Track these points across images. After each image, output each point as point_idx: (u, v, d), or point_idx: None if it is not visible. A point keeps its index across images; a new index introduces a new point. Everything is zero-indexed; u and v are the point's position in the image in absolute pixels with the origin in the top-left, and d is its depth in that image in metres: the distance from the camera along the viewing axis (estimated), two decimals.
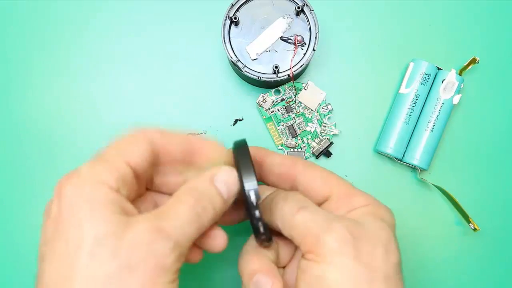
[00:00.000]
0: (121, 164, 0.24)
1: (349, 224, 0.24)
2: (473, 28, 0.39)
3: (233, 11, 0.35)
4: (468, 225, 0.36)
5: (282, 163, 0.29)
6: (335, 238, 0.24)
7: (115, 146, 0.25)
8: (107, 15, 0.39)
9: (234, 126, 0.38)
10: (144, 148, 0.25)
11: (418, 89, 0.37)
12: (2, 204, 0.38)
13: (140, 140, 0.25)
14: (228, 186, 0.26)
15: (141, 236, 0.22)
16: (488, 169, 0.38)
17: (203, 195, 0.25)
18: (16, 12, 0.39)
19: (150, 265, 0.21)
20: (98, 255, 0.21)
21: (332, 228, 0.24)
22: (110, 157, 0.24)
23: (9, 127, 0.38)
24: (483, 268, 0.37)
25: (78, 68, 0.39)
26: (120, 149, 0.25)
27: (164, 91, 0.38)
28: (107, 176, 0.23)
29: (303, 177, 0.28)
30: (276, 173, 0.29)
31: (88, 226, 0.21)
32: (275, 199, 0.27)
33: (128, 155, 0.24)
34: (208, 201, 0.25)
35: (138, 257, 0.21)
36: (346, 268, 0.23)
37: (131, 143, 0.25)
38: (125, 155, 0.24)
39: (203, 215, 0.24)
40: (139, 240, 0.21)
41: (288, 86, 0.37)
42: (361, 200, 0.27)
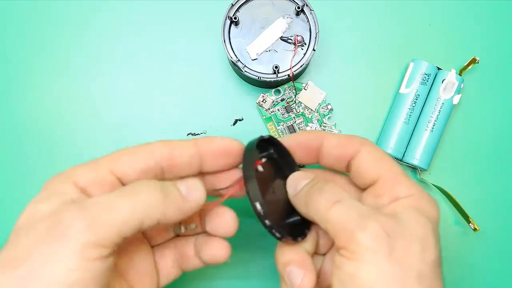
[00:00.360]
0: (103, 170, 0.25)
1: (384, 220, 0.24)
2: (473, 28, 0.39)
3: (233, 11, 0.35)
4: (468, 225, 0.36)
5: (338, 144, 0.28)
6: (369, 236, 0.23)
7: (109, 154, 0.26)
8: (107, 15, 0.39)
9: (234, 126, 0.38)
10: (139, 159, 0.26)
11: (418, 89, 0.37)
12: (2, 204, 0.38)
13: (137, 151, 0.26)
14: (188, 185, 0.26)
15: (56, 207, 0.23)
16: (488, 169, 0.38)
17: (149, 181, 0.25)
18: (16, 12, 0.39)
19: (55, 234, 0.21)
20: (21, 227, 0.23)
21: (366, 225, 0.23)
22: (97, 162, 0.25)
23: (9, 127, 0.38)
24: (483, 268, 0.37)
25: (78, 68, 0.39)
26: (111, 158, 0.26)
27: (164, 91, 0.38)
28: (81, 176, 0.25)
29: (357, 158, 0.28)
30: (333, 155, 0.29)
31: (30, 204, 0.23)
32: (310, 191, 0.27)
33: (117, 164, 0.25)
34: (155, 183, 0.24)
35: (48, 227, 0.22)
36: (379, 266, 0.23)
37: (125, 154, 0.26)
38: (113, 164, 0.25)
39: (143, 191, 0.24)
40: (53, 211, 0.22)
41: (288, 86, 0.37)
42: (404, 189, 0.26)
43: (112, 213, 0.22)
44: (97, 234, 0.21)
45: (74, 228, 0.21)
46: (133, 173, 0.25)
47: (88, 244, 0.21)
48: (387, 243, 0.23)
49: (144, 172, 0.26)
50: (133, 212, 0.22)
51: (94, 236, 0.21)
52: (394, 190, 0.26)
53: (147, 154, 0.26)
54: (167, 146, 0.27)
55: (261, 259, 0.37)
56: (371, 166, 0.27)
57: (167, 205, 0.24)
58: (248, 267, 0.37)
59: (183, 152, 0.27)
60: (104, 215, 0.22)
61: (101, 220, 0.21)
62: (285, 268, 0.27)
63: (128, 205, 0.23)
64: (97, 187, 0.25)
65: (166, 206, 0.24)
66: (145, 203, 0.23)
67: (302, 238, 0.28)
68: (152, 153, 0.26)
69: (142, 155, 0.26)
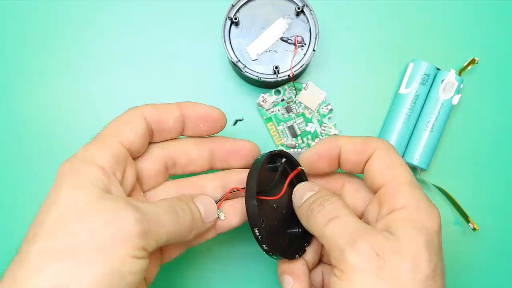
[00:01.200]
0: (114, 143, 0.26)
1: (374, 239, 0.23)
2: (472, 28, 0.39)
3: (234, 12, 0.35)
4: (468, 225, 0.37)
5: (354, 149, 0.28)
6: (358, 255, 0.23)
7: (109, 126, 0.27)
8: (107, 15, 0.39)
9: (234, 126, 0.38)
10: (137, 125, 0.27)
11: (417, 89, 0.37)
12: (2, 204, 0.38)
13: (133, 117, 0.27)
14: (206, 209, 0.28)
15: (111, 204, 0.23)
16: (488, 169, 0.38)
17: (182, 202, 0.27)
18: (17, 13, 0.39)
19: (112, 231, 0.22)
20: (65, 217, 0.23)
21: (356, 244, 0.23)
22: (105, 138, 0.26)
23: (10, 128, 0.38)
24: (482, 268, 0.37)
25: (78, 68, 0.39)
26: (114, 129, 0.27)
27: (164, 91, 0.38)
28: (99, 156, 0.25)
29: (368, 163, 0.28)
30: (350, 161, 0.29)
31: (64, 191, 0.23)
32: (312, 206, 0.27)
33: (122, 135, 0.26)
34: (187, 207, 0.27)
35: (103, 222, 0.22)
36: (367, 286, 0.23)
37: (125, 122, 0.27)
38: (119, 135, 0.26)
39: (180, 216, 0.26)
40: (108, 207, 0.23)
41: (288, 87, 0.38)
42: (400, 200, 0.25)
43: (160, 227, 0.25)
44: (146, 240, 0.23)
45: (133, 230, 0.23)
46: (137, 140, 0.27)
47: (140, 246, 0.23)
48: (377, 263, 0.23)
49: (143, 136, 0.27)
50: (172, 231, 0.25)
51: (145, 241, 0.23)
52: (392, 201, 0.26)
53: (142, 119, 0.27)
54: (156, 109, 0.28)
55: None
56: (378, 172, 0.27)
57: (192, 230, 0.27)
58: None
59: (169, 116, 0.28)
60: (155, 227, 0.24)
61: (152, 231, 0.24)
62: (281, 276, 0.29)
63: (170, 224, 0.25)
64: (116, 163, 0.26)
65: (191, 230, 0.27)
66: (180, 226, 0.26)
67: (300, 255, 0.29)
68: (144, 118, 0.28)
69: (138, 122, 0.27)
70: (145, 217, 0.24)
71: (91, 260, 0.22)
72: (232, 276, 0.37)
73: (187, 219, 0.26)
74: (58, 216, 0.23)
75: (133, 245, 0.23)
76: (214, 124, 0.30)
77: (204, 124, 0.29)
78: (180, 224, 0.26)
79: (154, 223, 0.24)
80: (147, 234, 0.23)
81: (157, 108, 0.28)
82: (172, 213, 0.26)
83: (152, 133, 0.29)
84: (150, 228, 0.24)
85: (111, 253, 0.22)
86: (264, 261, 0.36)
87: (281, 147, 0.38)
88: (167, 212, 0.25)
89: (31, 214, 0.36)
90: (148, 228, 0.23)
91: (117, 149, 0.26)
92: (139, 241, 0.23)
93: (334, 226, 0.25)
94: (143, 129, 0.27)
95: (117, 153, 0.26)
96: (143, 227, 0.23)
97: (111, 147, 0.26)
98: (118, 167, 0.26)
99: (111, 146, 0.26)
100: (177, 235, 0.26)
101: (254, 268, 0.37)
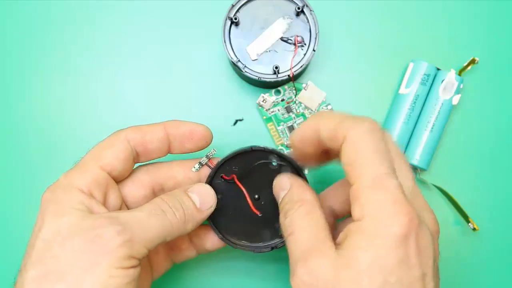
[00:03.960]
0: (94, 168, 0.27)
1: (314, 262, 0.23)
2: (472, 28, 0.39)
3: (234, 12, 0.35)
4: (468, 225, 0.37)
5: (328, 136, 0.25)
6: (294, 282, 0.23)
7: (91, 152, 0.28)
8: (108, 16, 0.39)
9: (234, 126, 0.38)
10: (119, 149, 0.27)
11: (417, 89, 0.37)
12: (2, 204, 0.38)
13: (114, 142, 0.28)
14: (201, 195, 0.28)
15: (91, 223, 0.24)
16: (488, 169, 0.38)
17: (172, 197, 0.27)
18: (17, 14, 0.39)
19: (95, 248, 0.23)
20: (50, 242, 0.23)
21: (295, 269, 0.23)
22: (85, 163, 0.27)
23: (10, 128, 0.38)
24: (482, 268, 0.37)
25: (79, 70, 0.39)
26: (95, 154, 0.27)
27: (164, 92, 0.38)
28: (78, 180, 0.26)
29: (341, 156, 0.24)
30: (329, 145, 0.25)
31: (48, 218, 0.24)
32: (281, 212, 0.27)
33: (102, 159, 0.27)
34: (177, 202, 0.27)
35: (85, 241, 0.23)
36: None
37: (106, 148, 0.27)
38: (99, 160, 0.27)
39: (169, 213, 0.26)
40: (88, 226, 0.24)
41: (288, 87, 0.38)
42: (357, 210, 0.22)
43: (146, 232, 0.25)
44: (132, 248, 0.24)
45: (114, 243, 0.23)
46: (118, 163, 0.27)
47: (125, 257, 0.23)
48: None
49: (126, 159, 0.28)
50: (161, 231, 0.25)
51: (130, 250, 0.24)
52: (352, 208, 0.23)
53: (124, 143, 0.28)
54: (139, 131, 0.28)
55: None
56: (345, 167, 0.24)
57: (187, 223, 0.27)
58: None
59: (153, 137, 0.29)
60: (139, 233, 0.24)
61: (136, 238, 0.24)
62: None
63: (157, 225, 0.25)
64: (97, 187, 0.26)
65: (186, 224, 0.27)
66: (170, 224, 0.26)
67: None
68: (127, 141, 0.28)
69: (120, 146, 0.28)
70: (126, 226, 0.24)
71: (80, 280, 0.22)
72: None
73: (178, 214, 0.26)
74: (44, 243, 0.24)
75: (118, 256, 0.23)
76: (200, 141, 0.30)
77: (190, 142, 0.30)
78: (170, 222, 0.26)
79: (138, 230, 0.24)
80: (131, 242, 0.24)
81: (141, 130, 0.28)
82: (158, 213, 0.26)
83: (137, 154, 0.29)
84: (133, 236, 0.24)
85: (98, 269, 0.23)
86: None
87: (281, 147, 0.38)
88: (152, 215, 0.25)
89: (31, 214, 0.37)
90: (130, 236, 0.24)
91: (97, 173, 0.26)
92: (123, 251, 0.23)
93: (289, 244, 0.25)
94: (126, 153, 0.28)
95: (97, 177, 0.26)
96: (125, 237, 0.23)
97: (91, 172, 0.26)
98: (99, 190, 0.26)
99: (91, 171, 0.26)
100: (170, 233, 0.26)
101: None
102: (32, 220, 0.36)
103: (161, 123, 0.29)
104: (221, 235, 0.30)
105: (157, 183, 0.30)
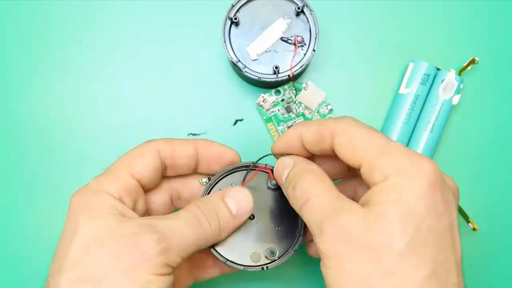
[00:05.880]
0: (125, 176, 0.27)
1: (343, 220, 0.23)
2: (472, 28, 0.39)
3: (234, 12, 0.35)
4: (468, 225, 0.37)
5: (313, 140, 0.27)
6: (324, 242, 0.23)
7: (122, 159, 0.28)
8: (108, 16, 0.39)
9: (234, 126, 0.38)
10: (150, 159, 0.27)
11: (417, 89, 0.37)
12: (2, 205, 0.38)
13: (146, 152, 0.28)
14: (238, 201, 0.28)
15: (129, 229, 0.24)
16: (488, 169, 0.38)
17: (208, 205, 0.27)
18: (17, 14, 0.39)
19: (133, 254, 0.23)
20: (87, 246, 0.23)
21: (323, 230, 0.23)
22: (116, 170, 0.27)
23: (10, 127, 0.38)
24: (482, 268, 0.37)
25: (79, 70, 0.39)
26: (126, 162, 0.27)
27: (164, 92, 0.38)
28: (109, 186, 0.26)
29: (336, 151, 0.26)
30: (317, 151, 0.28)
31: (82, 222, 0.24)
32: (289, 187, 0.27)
33: (133, 168, 0.27)
34: (212, 210, 0.27)
35: (124, 247, 0.23)
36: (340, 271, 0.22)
37: (137, 156, 0.28)
38: (130, 168, 0.27)
39: (204, 223, 0.26)
40: (126, 232, 0.24)
41: (288, 87, 0.38)
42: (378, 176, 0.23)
43: (182, 241, 0.25)
44: (169, 256, 0.24)
45: (152, 251, 0.23)
46: (148, 173, 0.28)
47: (162, 264, 0.24)
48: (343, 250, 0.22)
49: (155, 170, 0.28)
50: (196, 240, 0.26)
51: (167, 258, 0.24)
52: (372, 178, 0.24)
53: (154, 154, 0.28)
54: (170, 145, 0.28)
55: None
56: (347, 158, 0.25)
57: (222, 231, 0.27)
58: None
59: (183, 153, 0.29)
60: (176, 242, 0.25)
61: (173, 247, 0.24)
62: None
63: (194, 235, 0.25)
64: (127, 194, 0.27)
65: (221, 232, 0.27)
66: (205, 233, 0.26)
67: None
68: (158, 153, 0.28)
69: (151, 156, 0.28)
70: (164, 235, 0.24)
71: (118, 284, 0.23)
72: None
73: (213, 224, 0.26)
74: (80, 246, 0.24)
75: (156, 263, 0.23)
76: (227, 165, 0.30)
77: (216, 164, 0.30)
78: (205, 231, 0.26)
79: (175, 239, 0.24)
80: (168, 251, 0.24)
81: (172, 143, 0.29)
82: (194, 223, 0.26)
83: (165, 167, 0.29)
84: (170, 245, 0.24)
85: (136, 275, 0.23)
86: None
87: None
88: (188, 224, 0.25)
89: (31, 215, 0.37)
90: (168, 245, 0.24)
91: (128, 180, 0.27)
92: (161, 259, 0.23)
93: (306, 211, 0.25)
94: (156, 164, 0.28)
95: (128, 185, 0.27)
96: (163, 245, 0.24)
97: (122, 178, 0.27)
98: (129, 197, 0.27)
99: (122, 178, 0.27)
100: (204, 242, 0.26)
101: None
102: (33, 220, 0.37)
103: (192, 140, 0.29)
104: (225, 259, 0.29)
105: (175, 191, 0.30)
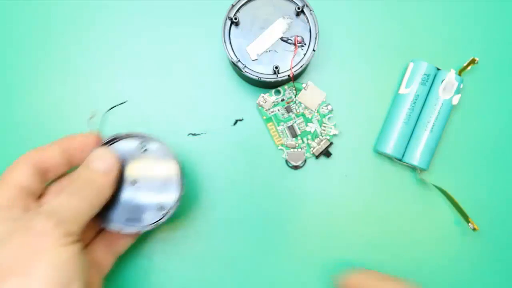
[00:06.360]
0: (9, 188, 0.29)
1: None
2: (473, 28, 0.39)
3: (234, 12, 0.35)
4: (468, 225, 0.37)
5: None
6: None
7: (2, 176, 0.30)
8: (108, 16, 0.39)
9: (234, 126, 0.38)
10: (24, 169, 0.30)
11: (417, 89, 0.37)
12: None
13: (18, 165, 0.30)
14: (102, 159, 0.30)
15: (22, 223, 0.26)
16: (488, 169, 0.38)
17: (76, 173, 0.30)
18: (17, 14, 0.39)
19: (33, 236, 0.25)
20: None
21: None
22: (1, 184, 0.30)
23: (9, 127, 0.38)
24: (482, 268, 0.37)
25: (79, 70, 0.39)
26: (5, 177, 0.30)
27: (164, 92, 0.38)
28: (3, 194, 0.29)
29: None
30: None
31: None
32: None
33: (12, 180, 0.29)
34: (84, 181, 0.30)
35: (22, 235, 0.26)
36: None
37: (12, 170, 0.30)
38: (9, 181, 0.29)
39: (82, 192, 0.29)
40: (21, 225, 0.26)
41: (288, 87, 0.38)
42: None
43: (70, 210, 0.28)
44: (65, 227, 0.26)
45: (48, 226, 0.26)
46: (26, 181, 0.30)
47: (61, 235, 0.26)
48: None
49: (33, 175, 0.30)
50: (83, 206, 0.28)
51: (64, 228, 0.26)
52: None
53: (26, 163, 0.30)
54: (38, 152, 0.31)
55: None
56: None
57: (103, 191, 0.30)
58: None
59: (50, 154, 0.31)
60: (65, 214, 0.27)
61: (65, 218, 0.27)
62: None
63: (78, 201, 0.28)
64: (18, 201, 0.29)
65: (102, 192, 0.30)
66: (87, 196, 0.29)
67: None
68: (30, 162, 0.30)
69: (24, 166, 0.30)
70: (52, 212, 0.27)
71: (30, 267, 0.25)
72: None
73: (93, 189, 0.29)
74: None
75: (56, 236, 0.26)
76: (96, 146, 0.32)
77: (85, 152, 0.32)
78: (86, 195, 0.29)
79: (63, 211, 0.27)
80: (63, 222, 0.26)
81: (39, 150, 0.31)
82: (73, 192, 0.29)
83: (44, 171, 0.31)
84: (61, 216, 0.27)
85: (43, 252, 0.25)
86: None
87: (281, 147, 0.38)
88: (69, 195, 0.28)
89: None
90: (60, 217, 0.27)
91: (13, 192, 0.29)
92: (59, 231, 0.26)
93: None
94: (30, 172, 0.30)
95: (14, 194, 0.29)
96: (55, 219, 0.26)
97: (7, 191, 0.29)
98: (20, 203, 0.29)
99: (7, 190, 0.29)
100: (90, 205, 0.29)
101: None
102: None
103: (57, 141, 0.32)
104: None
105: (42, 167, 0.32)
